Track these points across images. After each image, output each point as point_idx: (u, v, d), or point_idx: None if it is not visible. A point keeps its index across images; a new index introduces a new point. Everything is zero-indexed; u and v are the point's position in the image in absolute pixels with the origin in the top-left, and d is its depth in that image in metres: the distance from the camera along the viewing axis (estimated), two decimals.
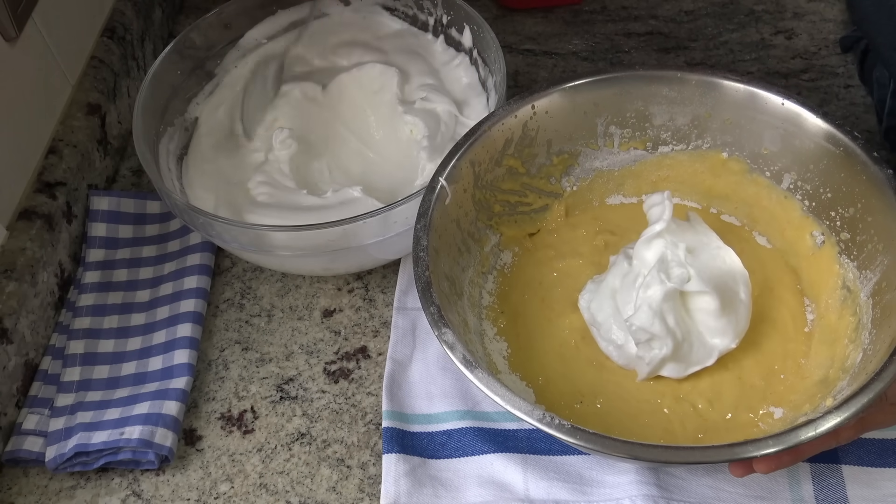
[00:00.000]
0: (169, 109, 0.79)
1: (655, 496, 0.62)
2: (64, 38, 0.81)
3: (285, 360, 0.73)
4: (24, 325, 0.69)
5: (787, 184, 0.71)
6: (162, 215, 0.81)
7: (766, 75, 0.90)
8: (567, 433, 0.54)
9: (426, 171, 0.75)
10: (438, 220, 0.65)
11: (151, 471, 0.67)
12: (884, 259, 0.63)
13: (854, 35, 0.90)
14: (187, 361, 0.71)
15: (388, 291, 0.77)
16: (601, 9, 0.98)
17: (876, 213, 0.64)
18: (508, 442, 0.66)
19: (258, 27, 0.85)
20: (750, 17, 0.97)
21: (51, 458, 0.66)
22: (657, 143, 0.75)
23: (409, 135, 0.79)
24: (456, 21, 0.83)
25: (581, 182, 0.76)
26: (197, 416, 0.70)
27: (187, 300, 0.74)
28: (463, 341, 0.58)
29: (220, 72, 0.84)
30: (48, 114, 0.79)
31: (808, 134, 0.68)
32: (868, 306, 0.63)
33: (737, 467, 0.57)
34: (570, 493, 0.63)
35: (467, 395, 0.69)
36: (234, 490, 0.66)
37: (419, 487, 0.64)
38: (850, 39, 0.90)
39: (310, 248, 0.68)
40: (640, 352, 0.64)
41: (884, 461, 0.64)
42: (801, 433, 0.53)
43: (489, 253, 0.73)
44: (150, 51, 0.94)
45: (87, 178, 0.80)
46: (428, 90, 0.80)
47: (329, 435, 0.69)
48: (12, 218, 0.73)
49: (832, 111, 0.86)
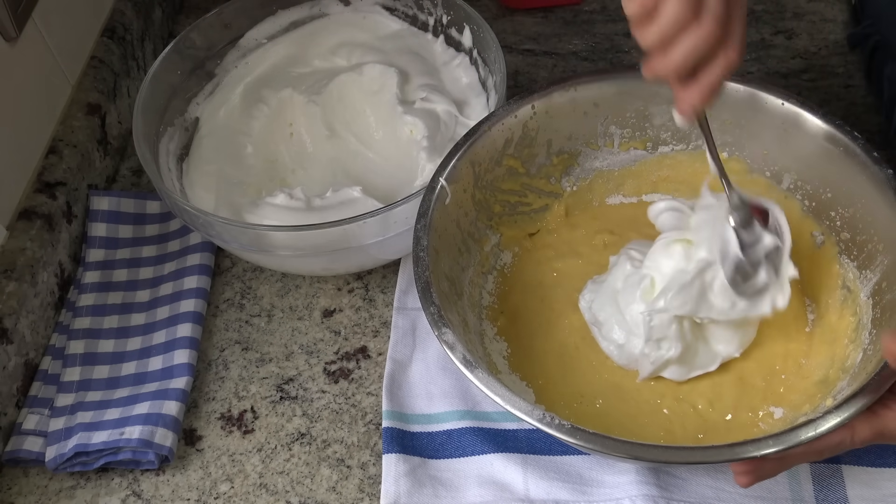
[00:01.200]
0: (169, 109, 0.79)
1: (655, 496, 0.62)
2: (64, 38, 0.81)
3: (285, 360, 0.73)
4: (24, 325, 0.69)
5: (787, 184, 0.71)
6: (162, 215, 0.81)
7: (766, 75, 0.90)
8: (567, 433, 0.54)
9: (426, 171, 0.75)
10: (438, 220, 0.65)
11: (151, 471, 0.67)
12: (884, 259, 0.63)
13: (863, 31, 0.89)
14: (187, 361, 0.71)
15: (388, 291, 0.77)
16: (601, 9, 0.98)
17: (876, 213, 0.64)
18: (508, 442, 0.66)
19: (258, 27, 0.85)
20: (750, 17, 0.96)
21: (51, 458, 0.66)
22: (657, 143, 0.75)
23: (408, 135, 0.79)
24: (456, 21, 0.83)
25: (581, 182, 0.76)
26: (197, 416, 0.70)
27: (187, 300, 0.74)
28: (463, 341, 0.58)
29: (220, 72, 0.84)
30: (48, 114, 0.79)
31: (808, 134, 0.67)
32: (868, 306, 0.63)
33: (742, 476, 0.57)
34: (570, 493, 0.63)
35: (467, 395, 0.69)
36: (234, 490, 0.66)
37: (419, 487, 0.64)
38: (859, 36, 0.90)
39: (310, 248, 0.68)
40: (646, 349, 0.64)
41: (884, 461, 0.64)
42: (801, 433, 0.53)
43: (489, 253, 0.73)
44: (150, 51, 0.94)
45: (87, 178, 0.80)
46: (428, 90, 0.80)
47: (329, 435, 0.69)
48: (12, 218, 0.73)
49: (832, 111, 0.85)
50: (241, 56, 0.85)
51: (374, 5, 0.87)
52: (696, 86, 0.54)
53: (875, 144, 0.65)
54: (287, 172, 0.81)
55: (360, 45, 0.86)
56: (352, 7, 0.88)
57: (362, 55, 0.84)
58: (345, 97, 0.82)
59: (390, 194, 0.75)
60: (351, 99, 0.82)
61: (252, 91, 0.83)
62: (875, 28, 0.87)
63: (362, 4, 0.87)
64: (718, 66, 0.53)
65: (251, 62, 0.85)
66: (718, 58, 0.53)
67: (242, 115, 0.82)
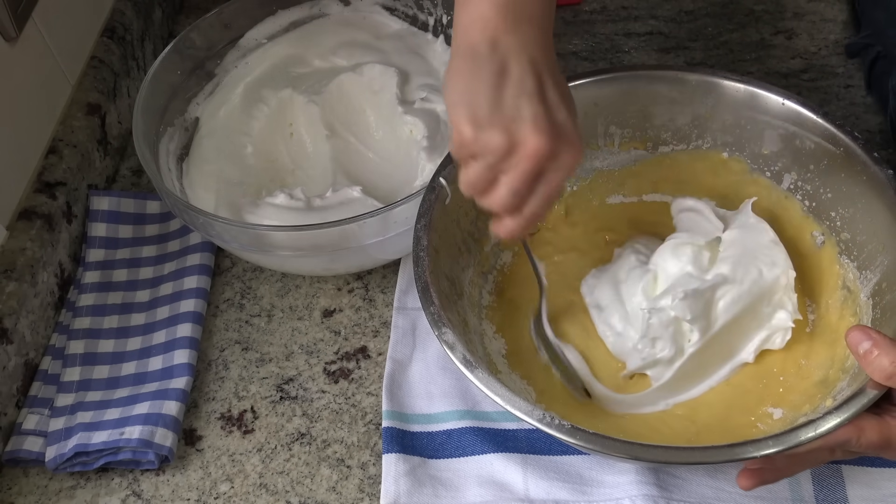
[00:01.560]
0: (169, 109, 0.79)
1: (655, 496, 0.62)
2: (64, 38, 0.81)
3: (285, 360, 0.73)
4: (24, 325, 0.69)
5: (788, 184, 0.71)
6: (162, 215, 0.81)
7: (766, 75, 0.90)
8: (567, 433, 0.54)
9: (426, 171, 0.75)
10: (438, 220, 0.65)
11: (151, 471, 0.67)
12: (884, 259, 0.63)
13: (862, 41, 0.89)
14: (187, 361, 0.71)
15: (388, 291, 0.77)
16: (601, 9, 0.98)
17: (876, 214, 0.64)
18: (508, 442, 0.66)
19: (258, 27, 0.85)
20: (750, 17, 0.96)
21: (51, 458, 0.65)
22: (657, 143, 0.75)
23: (408, 135, 0.79)
24: None
25: (581, 182, 0.76)
26: (197, 416, 0.70)
27: (187, 300, 0.74)
28: (463, 341, 0.58)
29: (220, 72, 0.84)
30: (48, 114, 0.79)
31: (809, 134, 0.68)
32: (868, 307, 0.63)
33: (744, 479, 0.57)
34: (570, 492, 0.63)
35: (467, 395, 0.69)
36: (234, 490, 0.66)
37: (419, 487, 0.64)
38: (858, 46, 0.89)
39: (310, 248, 0.68)
40: (640, 345, 0.64)
41: (884, 461, 0.63)
42: (800, 433, 0.53)
43: (489, 253, 0.73)
44: (150, 51, 0.94)
45: (87, 178, 0.80)
46: (428, 90, 0.80)
47: (329, 435, 0.69)
48: (12, 218, 0.73)
49: (832, 111, 0.86)
50: (241, 56, 0.85)
51: (374, 5, 0.87)
52: (519, 217, 0.56)
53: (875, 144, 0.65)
54: (287, 172, 0.81)
55: (360, 45, 0.86)
56: (352, 7, 0.88)
57: (362, 55, 0.84)
58: (345, 97, 0.82)
59: (390, 194, 0.75)
60: (351, 99, 0.82)
61: (252, 91, 0.83)
62: (876, 39, 0.86)
63: (362, 4, 0.87)
64: (537, 198, 0.55)
65: (251, 62, 0.85)
66: (537, 192, 0.55)
67: (242, 115, 0.82)
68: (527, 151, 0.52)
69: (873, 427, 0.54)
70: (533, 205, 0.55)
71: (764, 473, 0.56)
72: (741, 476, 0.57)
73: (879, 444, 0.54)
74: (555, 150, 0.53)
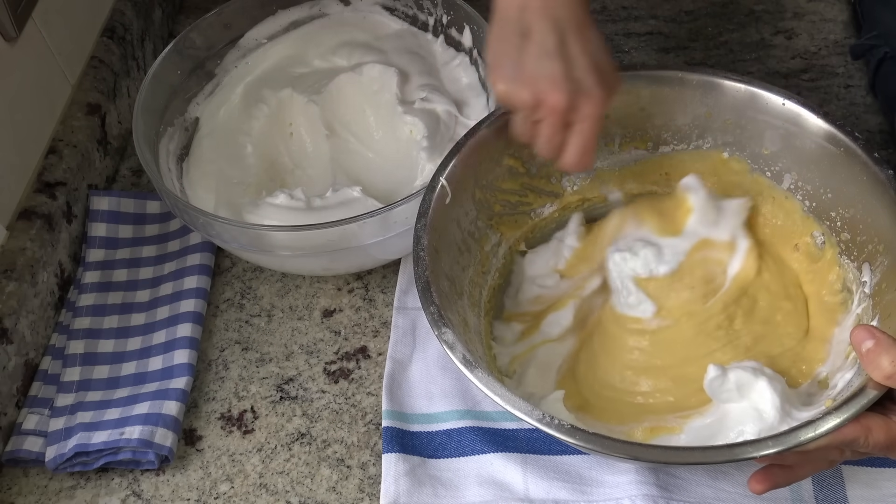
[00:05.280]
0: (169, 109, 0.79)
1: (655, 496, 0.62)
2: (64, 38, 0.81)
3: (285, 360, 0.73)
4: (24, 325, 0.69)
5: (788, 184, 0.71)
6: (162, 215, 0.81)
7: (766, 75, 0.90)
8: (567, 433, 0.54)
9: (426, 171, 0.75)
10: (438, 219, 0.65)
11: (151, 471, 0.67)
12: (884, 259, 0.63)
13: (867, 43, 0.88)
14: (187, 361, 0.71)
15: (388, 291, 0.77)
16: (601, 9, 0.98)
17: (876, 214, 0.64)
18: (508, 441, 0.66)
19: (258, 27, 0.85)
20: (750, 17, 0.96)
21: (51, 458, 0.66)
22: (658, 142, 0.75)
23: (408, 135, 0.79)
24: (456, 21, 0.83)
25: (581, 182, 0.76)
26: (197, 416, 0.70)
27: (187, 300, 0.74)
28: (463, 341, 0.58)
29: (220, 72, 0.84)
30: (48, 114, 0.79)
31: (809, 134, 0.67)
32: (868, 307, 0.63)
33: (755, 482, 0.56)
34: (569, 492, 0.63)
35: (467, 395, 0.69)
36: (234, 490, 0.66)
37: (419, 487, 0.64)
38: (863, 47, 0.88)
39: (310, 248, 0.68)
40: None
41: (884, 461, 0.63)
42: (800, 434, 0.53)
43: (489, 252, 0.73)
44: (150, 51, 0.94)
45: (87, 178, 0.80)
46: (428, 90, 0.80)
47: (329, 435, 0.69)
48: (12, 218, 0.73)
49: (832, 111, 0.86)
50: (241, 56, 0.85)
51: (374, 5, 0.87)
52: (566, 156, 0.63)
53: (875, 144, 0.65)
54: (287, 172, 0.81)
55: (360, 45, 0.86)
56: (352, 7, 0.88)
57: (362, 55, 0.84)
58: (344, 97, 0.82)
59: (390, 194, 0.75)
60: (351, 99, 0.82)
61: (252, 91, 0.83)
62: (883, 40, 0.86)
63: (362, 4, 0.87)
64: (573, 145, 0.62)
65: (251, 62, 0.85)
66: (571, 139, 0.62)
67: (242, 115, 0.82)
68: (548, 107, 0.59)
69: (880, 427, 0.53)
70: (572, 150, 0.62)
71: (776, 476, 0.56)
72: (753, 479, 0.56)
73: (886, 444, 0.54)
74: (572, 103, 0.59)
